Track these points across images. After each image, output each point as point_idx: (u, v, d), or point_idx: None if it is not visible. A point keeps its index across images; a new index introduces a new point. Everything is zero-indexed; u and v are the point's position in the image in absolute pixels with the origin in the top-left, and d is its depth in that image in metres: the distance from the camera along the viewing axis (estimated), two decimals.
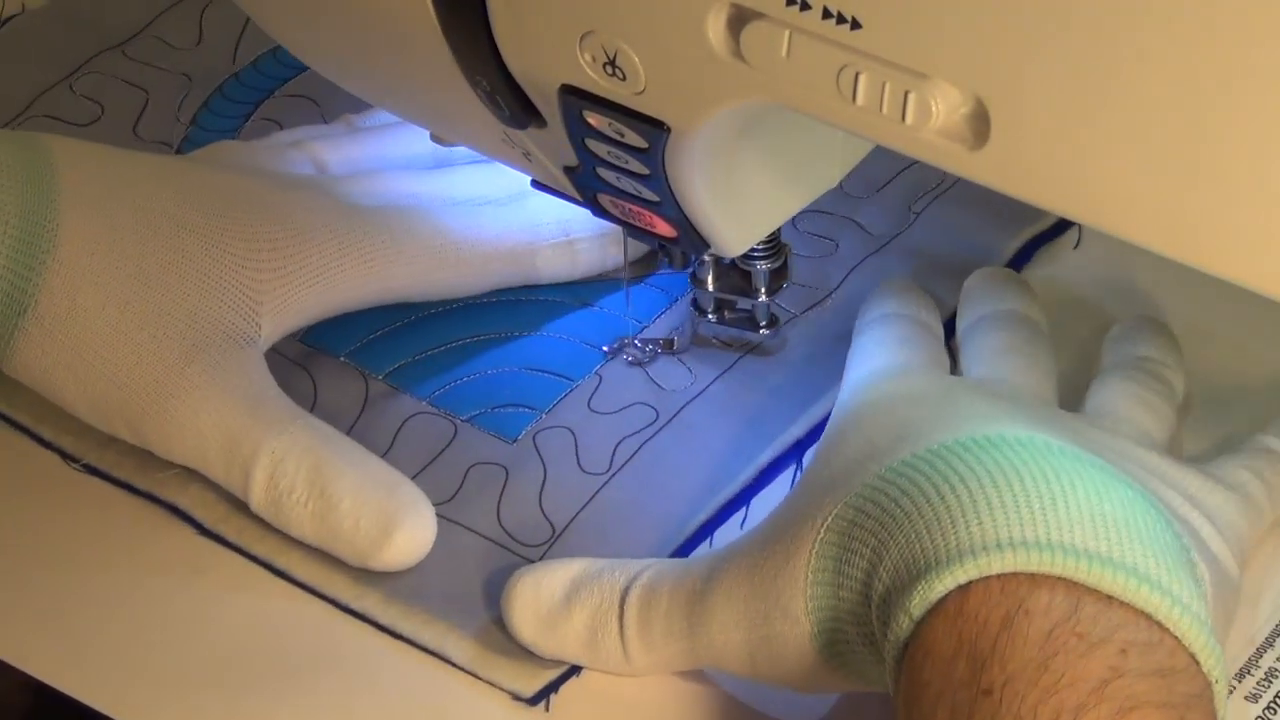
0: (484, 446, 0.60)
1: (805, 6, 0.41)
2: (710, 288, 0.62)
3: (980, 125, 0.41)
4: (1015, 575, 0.43)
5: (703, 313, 0.62)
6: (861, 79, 0.41)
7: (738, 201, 0.52)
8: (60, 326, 0.57)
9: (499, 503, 0.58)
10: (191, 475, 0.58)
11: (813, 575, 0.48)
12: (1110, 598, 0.43)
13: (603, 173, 0.52)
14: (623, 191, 0.52)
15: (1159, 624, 0.43)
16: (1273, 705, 0.51)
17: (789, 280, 0.61)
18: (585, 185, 0.53)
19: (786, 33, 0.42)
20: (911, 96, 0.41)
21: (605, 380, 0.62)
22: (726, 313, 0.62)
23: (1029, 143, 0.40)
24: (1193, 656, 0.43)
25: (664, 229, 0.54)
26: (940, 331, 0.59)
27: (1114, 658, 0.41)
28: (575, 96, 0.48)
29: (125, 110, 0.73)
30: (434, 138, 0.60)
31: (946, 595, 0.44)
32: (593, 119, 0.48)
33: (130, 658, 0.54)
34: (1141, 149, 0.39)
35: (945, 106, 0.41)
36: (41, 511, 0.59)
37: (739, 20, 0.42)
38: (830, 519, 0.48)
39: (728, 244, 0.54)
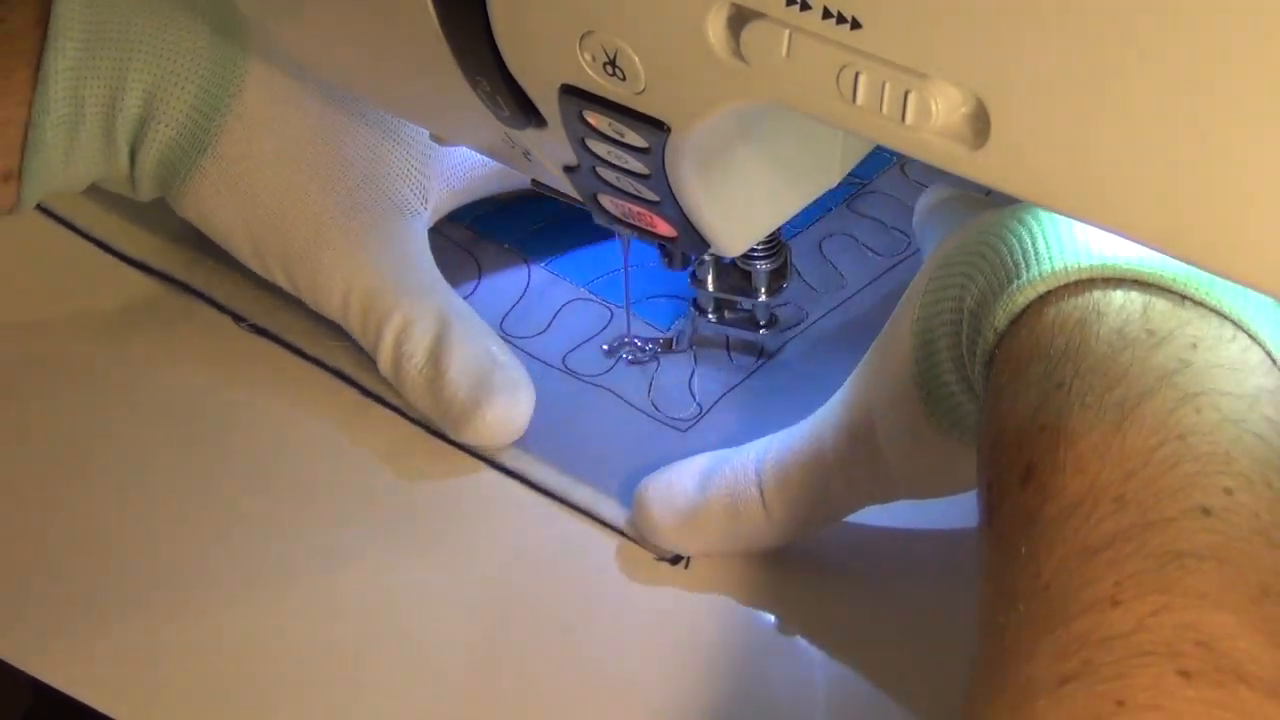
0: (637, 331, 0.64)
1: (805, 6, 0.41)
2: (710, 288, 0.62)
3: (980, 125, 0.41)
4: (1091, 281, 0.44)
5: (703, 313, 0.62)
6: (861, 79, 0.41)
7: (737, 201, 0.52)
8: (235, 168, 0.60)
9: (651, 381, 0.62)
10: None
11: (914, 340, 0.49)
12: (1183, 297, 0.43)
13: (603, 172, 0.52)
14: (623, 191, 0.52)
15: (1232, 322, 0.43)
16: None
17: (789, 280, 0.61)
18: (585, 185, 0.53)
19: (786, 33, 0.42)
20: (911, 96, 0.41)
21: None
22: (726, 313, 0.62)
23: (1029, 143, 0.40)
24: (1267, 354, 0.43)
25: (664, 229, 0.54)
26: None
27: (1184, 351, 0.42)
28: (575, 96, 0.48)
29: None
30: (434, 137, 0.60)
31: (1027, 307, 0.45)
32: (593, 119, 0.48)
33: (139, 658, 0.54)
34: (1141, 148, 0.39)
35: (945, 106, 0.41)
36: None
37: (739, 20, 0.42)
38: (924, 291, 0.50)
39: (727, 244, 0.54)
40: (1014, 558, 0.41)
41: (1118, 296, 0.44)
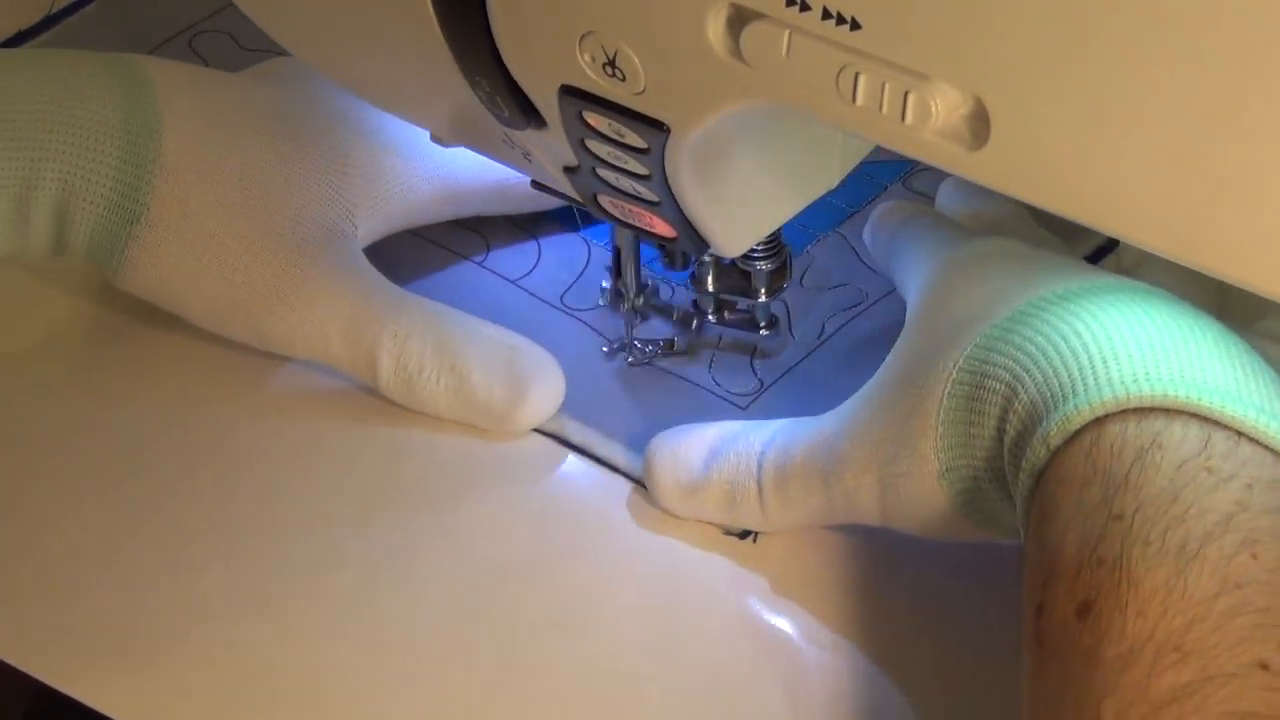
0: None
1: (805, 7, 0.41)
2: (710, 288, 0.62)
3: (980, 125, 0.41)
4: (1150, 410, 0.44)
5: (703, 313, 0.62)
6: (861, 79, 0.41)
7: (737, 202, 0.52)
8: (174, 230, 0.58)
9: (712, 357, 0.63)
10: None
11: (944, 414, 0.49)
12: (1239, 434, 0.44)
13: (602, 173, 0.52)
14: (622, 192, 0.52)
15: None
16: None
17: (789, 280, 0.61)
18: (585, 186, 0.53)
19: (786, 33, 0.42)
20: (911, 97, 0.41)
21: (817, 259, 0.65)
22: (727, 313, 0.62)
23: (1028, 143, 0.40)
24: None
25: (664, 229, 0.54)
26: None
27: (1240, 493, 0.43)
28: (575, 97, 0.48)
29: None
30: (434, 137, 0.60)
31: (1083, 427, 0.45)
32: (592, 119, 0.48)
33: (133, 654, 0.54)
34: (1140, 149, 0.39)
35: (945, 107, 0.41)
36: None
37: (739, 21, 0.42)
38: (962, 360, 0.49)
39: (727, 244, 0.54)
40: (1067, 697, 0.41)
41: (1178, 430, 0.44)
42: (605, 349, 0.63)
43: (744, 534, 0.56)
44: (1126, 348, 0.46)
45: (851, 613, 0.54)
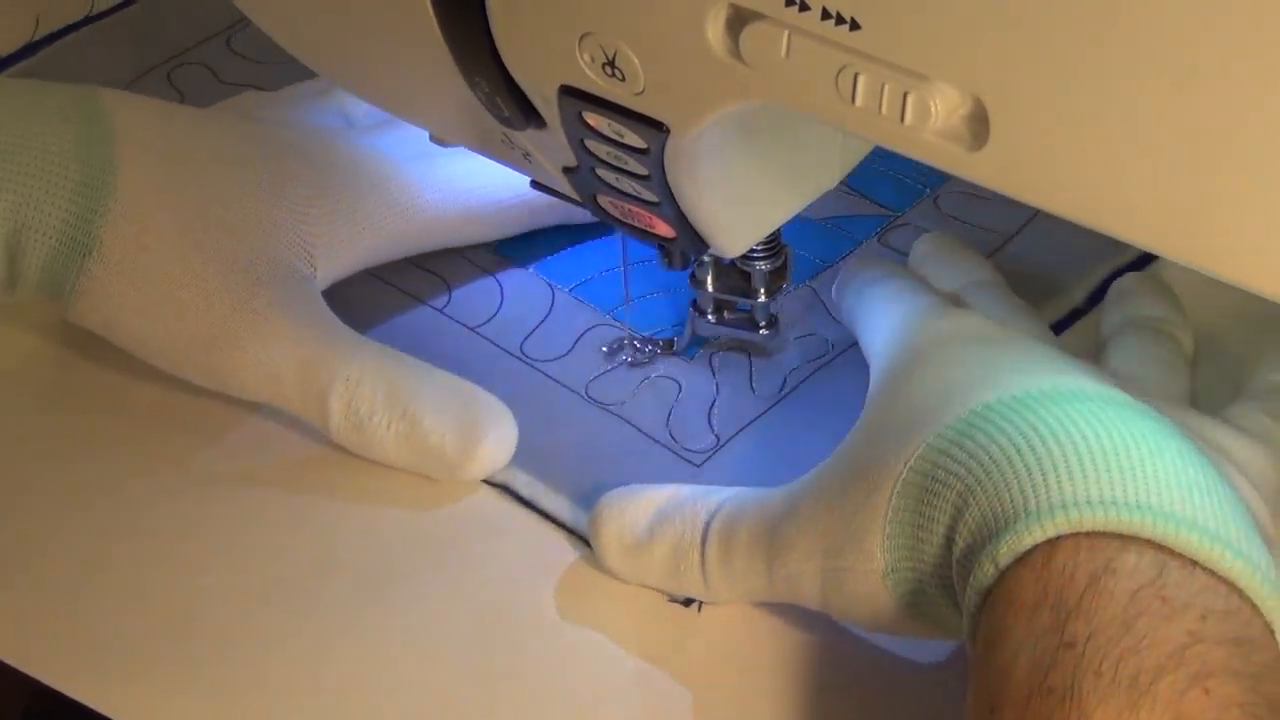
0: (660, 360, 0.63)
1: (804, 7, 0.41)
2: (710, 288, 0.62)
3: (979, 126, 0.41)
4: (1104, 534, 0.44)
5: (702, 313, 0.62)
6: (860, 80, 0.41)
7: (737, 202, 0.52)
8: (126, 266, 0.58)
9: (670, 411, 0.61)
10: None
11: (892, 514, 0.48)
12: (1194, 563, 0.43)
13: (602, 173, 0.52)
14: (622, 192, 0.52)
15: (1239, 591, 0.43)
16: None
17: (788, 281, 0.61)
18: (584, 186, 0.53)
19: (785, 33, 0.42)
20: (910, 97, 0.41)
21: (784, 310, 0.63)
22: (726, 313, 0.62)
23: (1028, 143, 0.40)
24: (1268, 625, 0.43)
25: (663, 229, 0.54)
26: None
27: (1194, 623, 0.42)
28: (574, 97, 0.48)
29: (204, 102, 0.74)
30: (434, 138, 0.60)
31: (1034, 547, 0.44)
32: (592, 119, 0.48)
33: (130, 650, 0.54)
34: (1140, 150, 0.39)
35: (944, 107, 0.41)
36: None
37: (738, 21, 0.42)
38: (914, 459, 0.48)
39: (727, 245, 0.54)
40: None
41: (1132, 556, 0.43)
42: (605, 349, 0.63)
43: (688, 601, 0.55)
44: (1082, 466, 0.45)
45: (791, 694, 0.53)
